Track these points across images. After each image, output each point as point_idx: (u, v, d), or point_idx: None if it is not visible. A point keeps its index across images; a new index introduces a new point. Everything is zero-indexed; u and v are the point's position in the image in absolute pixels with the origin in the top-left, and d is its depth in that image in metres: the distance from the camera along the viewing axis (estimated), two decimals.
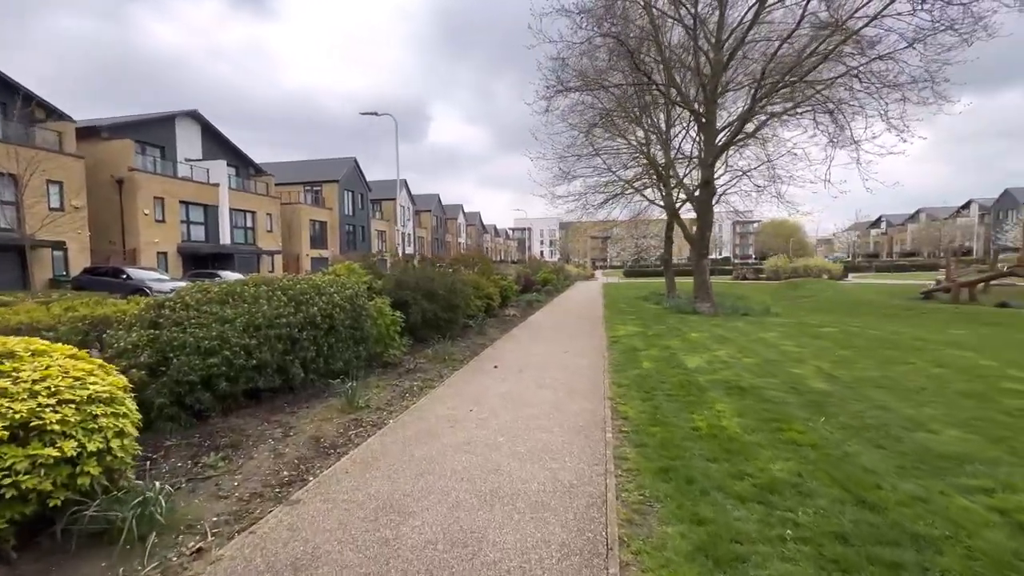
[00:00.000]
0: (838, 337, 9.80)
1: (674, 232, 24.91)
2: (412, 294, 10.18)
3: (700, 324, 12.28)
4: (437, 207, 68.62)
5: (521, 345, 10.01)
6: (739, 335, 10.20)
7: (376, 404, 5.91)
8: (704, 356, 8.00)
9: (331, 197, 41.72)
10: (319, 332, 6.47)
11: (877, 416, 4.95)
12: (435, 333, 10.57)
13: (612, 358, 8.27)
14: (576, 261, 69.46)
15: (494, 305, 15.92)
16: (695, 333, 10.58)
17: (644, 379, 6.67)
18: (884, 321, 13.40)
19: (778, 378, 6.50)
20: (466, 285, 12.69)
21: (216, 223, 28.77)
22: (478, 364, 8.19)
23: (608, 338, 10.47)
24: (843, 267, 38.02)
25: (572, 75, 15.53)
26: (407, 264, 11.13)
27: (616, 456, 4.15)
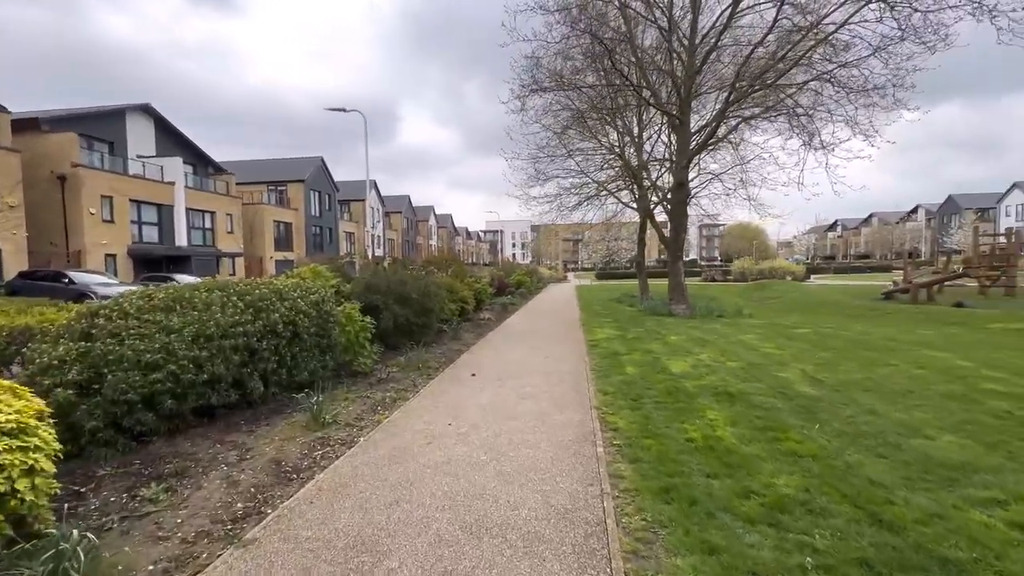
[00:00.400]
0: (814, 338, 9.85)
1: (646, 234, 25.16)
2: (383, 298, 9.66)
3: (677, 327, 12.21)
4: (408, 209, 67.49)
5: (498, 351, 9.63)
6: (718, 337, 10.13)
7: (345, 419, 5.42)
8: (688, 360, 7.83)
9: (297, 197, 40.27)
10: (281, 341, 5.93)
11: (870, 422, 4.82)
12: (408, 339, 10.08)
13: (594, 363, 8.00)
14: (548, 263, 69.63)
15: (468, 309, 15.50)
16: (674, 336, 10.46)
17: (630, 386, 6.41)
18: (853, 321, 13.70)
19: (764, 383, 6.35)
20: (440, 288, 12.23)
21: (171, 224, 27.19)
22: (454, 372, 7.77)
23: (587, 342, 10.22)
24: (805, 269, 39.37)
25: (546, 75, 15.33)
26: (377, 267, 10.58)
27: (611, 474, 3.83)
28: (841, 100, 10.96)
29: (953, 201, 76.00)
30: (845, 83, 10.72)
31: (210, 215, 30.27)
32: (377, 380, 7.22)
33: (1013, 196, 66.60)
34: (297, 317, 6.19)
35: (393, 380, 7.27)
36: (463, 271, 17.55)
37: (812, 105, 11.47)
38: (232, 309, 5.38)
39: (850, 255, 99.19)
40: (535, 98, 16.01)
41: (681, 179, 14.66)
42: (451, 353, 9.56)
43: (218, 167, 33.46)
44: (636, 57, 13.90)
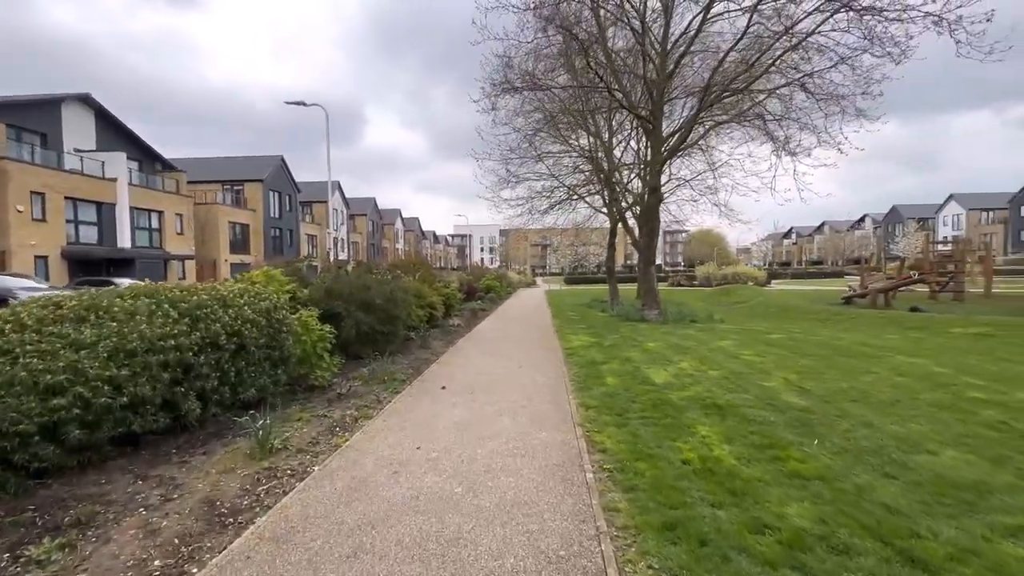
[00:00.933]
0: (789, 344, 9.79)
1: (616, 239, 25.17)
2: (345, 305, 8.94)
3: (652, 333, 11.98)
4: (373, 211, 65.84)
5: (470, 360, 9.08)
6: (696, 344, 9.92)
7: (297, 444, 4.75)
8: (669, 369, 7.50)
9: (254, 197, 38.38)
10: (223, 354, 5.20)
11: (867, 436, 4.57)
12: (373, 349, 9.39)
13: (572, 373, 7.56)
14: (517, 268, 69.40)
15: (437, 315, 14.85)
16: (651, 343, 10.18)
17: (612, 399, 5.99)
18: (820, 326, 13.90)
19: (751, 393, 6.08)
20: (407, 294, 11.57)
21: (113, 223, 25.21)
22: (423, 385, 7.17)
23: (563, 350, 9.80)
24: (767, 274, 40.62)
25: (518, 75, 14.96)
26: (339, 270, 9.84)
27: (606, 507, 3.36)
28: (810, 108, 11.09)
29: (896, 211, 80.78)
30: (814, 91, 10.83)
31: (157, 215, 28.31)
32: (337, 395, 6.54)
33: (950, 207, 71.38)
34: (243, 327, 5.47)
35: (355, 395, 6.59)
36: (432, 276, 16.89)
37: (784, 113, 11.53)
38: (162, 319, 4.63)
39: (804, 261, 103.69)
40: (506, 98, 15.62)
41: (654, 184, 14.55)
42: (419, 363, 8.93)
43: (168, 164, 31.43)
44: (608, 59, 13.71)
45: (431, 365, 8.70)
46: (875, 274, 26.30)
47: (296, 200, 43.92)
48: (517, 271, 59.17)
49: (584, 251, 64.49)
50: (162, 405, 4.56)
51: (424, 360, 9.23)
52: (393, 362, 8.89)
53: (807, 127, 11.58)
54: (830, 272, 56.24)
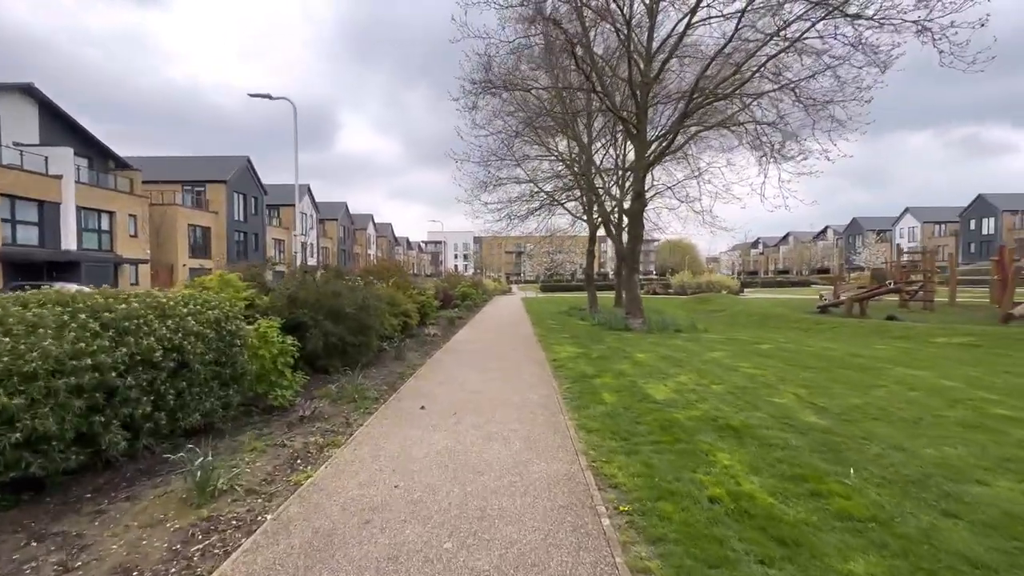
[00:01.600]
0: (783, 355, 9.44)
1: (596, 246, 24.88)
2: (311, 314, 8.08)
3: (640, 343, 11.50)
4: (344, 216, 64.05)
5: (451, 374, 8.33)
6: (687, 355, 9.46)
7: (248, 482, 3.93)
8: (668, 384, 6.96)
9: (217, 199, 36.49)
10: (159, 374, 4.34)
11: (904, 462, 4.09)
12: (342, 362, 8.54)
13: (564, 389, 6.93)
14: (492, 275, 68.71)
15: (412, 324, 14.03)
16: (641, 354, 9.67)
17: (614, 419, 5.38)
18: (806, 336, 13.75)
19: (763, 411, 5.57)
20: (380, 301, 10.75)
21: (57, 224, 23.26)
22: (399, 404, 6.39)
23: (550, 362, 9.17)
24: (740, 283, 41.24)
25: (499, 75, 14.43)
26: (306, 275, 8.96)
27: (633, 568, 2.71)
28: (797, 114, 10.93)
29: (856, 223, 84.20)
30: (802, 97, 10.63)
31: (108, 215, 26.38)
32: (300, 418, 5.69)
33: (906, 219, 74.82)
34: (185, 340, 4.61)
35: (321, 418, 5.77)
36: (406, 282, 16.05)
37: (773, 118, 11.32)
38: (77, 332, 3.75)
39: (770, 271, 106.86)
40: (487, 98, 15.04)
41: (638, 189, 14.19)
42: (394, 378, 8.13)
43: (121, 162, 29.46)
44: (592, 61, 13.32)
45: (408, 380, 7.91)
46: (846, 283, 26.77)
47: (263, 203, 42.09)
48: (492, 278, 58.49)
49: (560, 258, 64.57)
50: (75, 439, 3.68)
51: (399, 374, 8.43)
52: (365, 377, 8.06)
53: (792, 135, 11.42)
54: (797, 281, 57.82)
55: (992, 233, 60.07)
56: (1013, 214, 58.90)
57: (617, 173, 19.41)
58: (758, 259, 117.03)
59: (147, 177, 33.37)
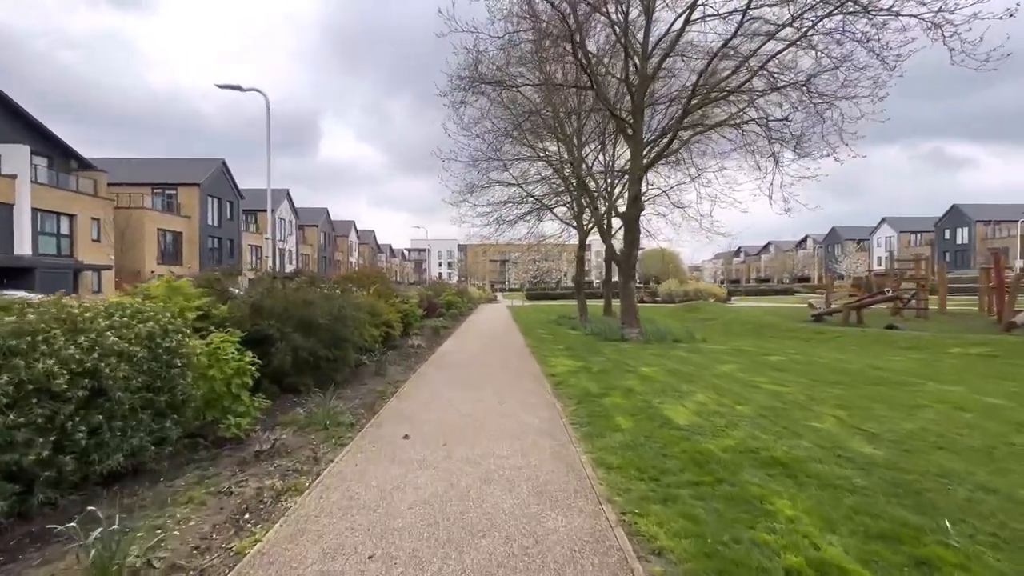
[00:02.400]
0: (798, 369, 8.75)
1: (585, 253, 24.21)
2: (279, 325, 7.08)
3: (641, 355, 10.72)
4: (325, 222, 62.50)
5: (437, 391, 7.39)
6: (696, 369, 8.69)
7: (173, 553, 2.96)
8: (686, 405, 6.15)
9: (190, 203, 34.89)
10: (63, 407, 3.35)
11: (1007, 510, 3.33)
12: (315, 379, 7.55)
13: (569, 411, 6.06)
14: (477, 283, 67.71)
15: (395, 334, 13.05)
16: (646, 367, 8.86)
17: (636, 452, 4.53)
18: (809, 346, 13.17)
19: (806, 438, 4.79)
20: (359, 310, 9.78)
21: (10, 227, 21.64)
22: (378, 432, 5.44)
23: (547, 377, 8.30)
24: (727, 291, 41.11)
25: (488, 71, 13.68)
26: (274, 282, 7.95)
27: None
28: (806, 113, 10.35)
29: (836, 232, 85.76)
30: (811, 91, 10.04)
31: (68, 219, 24.74)
32: (256, 454, 4.69)
33: (883, 229, 76.42)
34: (103, 362, 3.63)
35: (282, 452, 4.78)
36: (389, 290, 15.05)
37: (785, 114, 10.66)
38: None
39: (752, 279, 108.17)
40: (475, 97, 14.27)
41: (635, 193, 13.51)
42: (374, 397, 7.17)
43: (85, 163, 27.84)
44: (586, 58, 12.65)
45: (389, 400, 6.96)
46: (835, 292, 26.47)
47: (238, 208, 40.52)
48: (477, 286, 57.52)
49: (546, 266, 64.04)
50: None
51: (380, 393, 7.46)
52: (340, 396, 7.09)
53: (794, 138, 10.81)
54: (780, 289, 58.25)
55: (966, 243, 61.57)
56: (986, 224, 60.49)
57: (607, 179, 18.74)
58: (740, 268, 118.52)
59: (114, 179, 31.75)
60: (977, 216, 61.19)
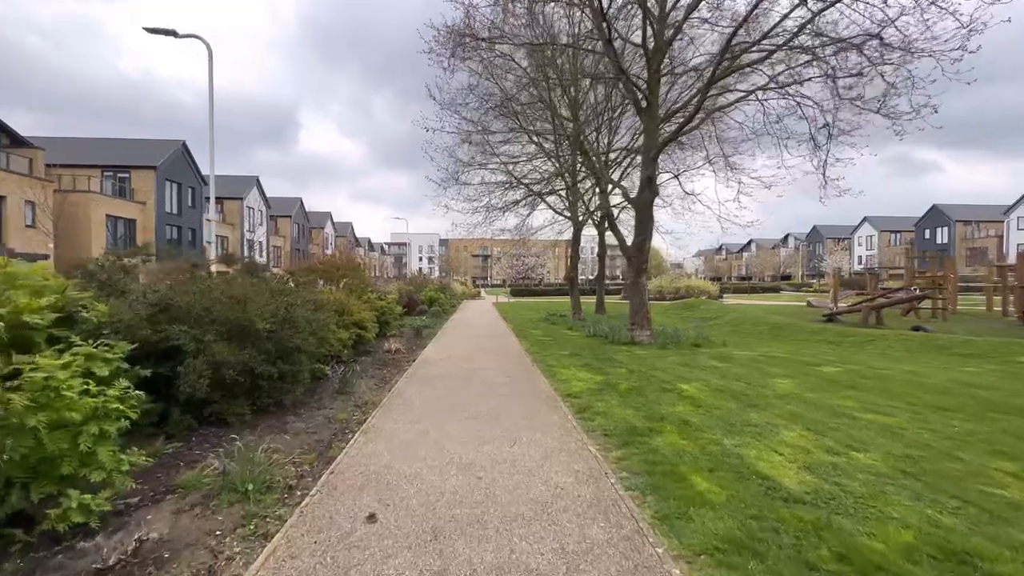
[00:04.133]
0: (874, 385, 7.06)
1: (579, 248, 22.43)
2: (195, 332, 5.02)
3: (664, 363, 8.94)
4: (299, 213, 59.31)
5: (420, 423, 5.42)
6: (748, 386, 6.91)
7: None
8: (780, 450, 4.32)
9: (145, 188, 31.81)
10: None
11: None
12: (252, 403, 5.54)
13: (617, 462, 4.17)
14: (459, 279, 65.48)
15: (368, 336, 11.01)
16: (684, 384, 7.05)
17: (760, 560, 2.67)
18: (847, 351, 11.62)
19: (1015, 525, 3.00)
20: (321, 310, 7.75)
21: None
22: (328, 507, 3.45)
23: (563, 398, 6.41)
24: (719, 288, 39.95)
25: (481, 25, 11.69)
26: (194, 271, 5.87)
27: None
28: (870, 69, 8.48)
29: (817, 231, 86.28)
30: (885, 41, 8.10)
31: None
32: (97, 572, 2.67)
33: (864, 228, 76.98)
34: None
35: (151, 561, 2.77)
36: (363, 284, 12.97)
37: (852, 77, 8.66)
38: None
39: (733, 276, 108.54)
40: (464, 58, 12.24)
41: (649, 174, 11.71)
42: (330, 433, 5.17)
43: (19, 139, 24.73)
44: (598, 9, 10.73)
45: (352, 437, 4.97)
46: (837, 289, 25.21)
47: (201, 194, 37.42)
48: (460, 282, 55.38)
49: (532, 262, 62.20)
50: None
51: (340, 425, 5.47)
52: (284, 431, 5.12)
53: (881, 97, 8.60)
54: (767, 287, 57.70)
55: (946, 242, 62.09)
56: (966, 224, 61.11)
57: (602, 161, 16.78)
58: (721, 265, 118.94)
59: (58, 159, 28.55)
60: (957, 216, 61.75)
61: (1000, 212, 56.24)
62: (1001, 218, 55.96)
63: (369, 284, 13.64)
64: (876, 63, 7.88)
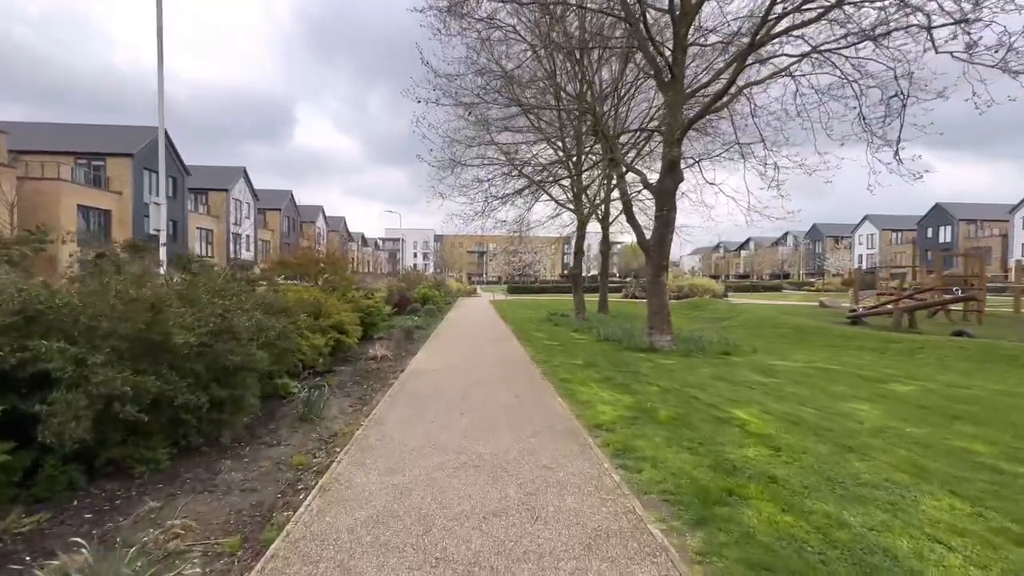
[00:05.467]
0: (970, 410, 5.67)
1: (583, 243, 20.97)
2: (75, 351, 3.49)
3: (699, 378, 7.51)
4: (289, 207, 57.44)
5: (402, 471, 3.93)
6: (823, 416, 5.48)
7: None
8: (934, 531, 2.90)
9: (121, 177, 30.01)
10: None
11: None
12: (171, 445, 4.05)
13: (701, 557, 2.71)
14: (454, 276, 63.90)
15: (349, 342, 9.51)
16: (739, 410, 5.61)
17: None
18: (897, 361, 10.26)
19: None
20: (284, 313, 6.27)
21: None
22: None
23: (590, 431, 4.94)
24: (724, 287, 38.63)
25: None
26: (99, 262, 4.35)
27: None
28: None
29: (817, 229, 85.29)
30: None
31: None
32: None
33: (864, 227, 76.04)
34: None
35: None
36: (345, 280, 11.43)
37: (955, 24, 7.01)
38: None
39: (730, 275, 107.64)
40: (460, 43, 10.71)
41: (673, 157, 10.25)
42: (275, 489, 3.68)
43: None
44: None
45: (305, 501, 3.48)
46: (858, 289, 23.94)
47: (183, 184, 35.63)
48: (456, 279, 53.83)
49: (529, 259, 60.66)
50: None
51: (294, 474, 3.98)
52: (212, 484, 3.64)
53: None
54: (769, 286, 56.52)
55: (949, 241, 61.20)
56: (969, 223, 60.21)
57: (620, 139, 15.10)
58: (719, 263, 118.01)
59: (26, 146, 26.81)
60: (960, 215, 60.84)
61: (1005, 211, 55.39)
62: (1006, 217, 55.10)
63: (353, 281, 12.10)
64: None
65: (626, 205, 12.05)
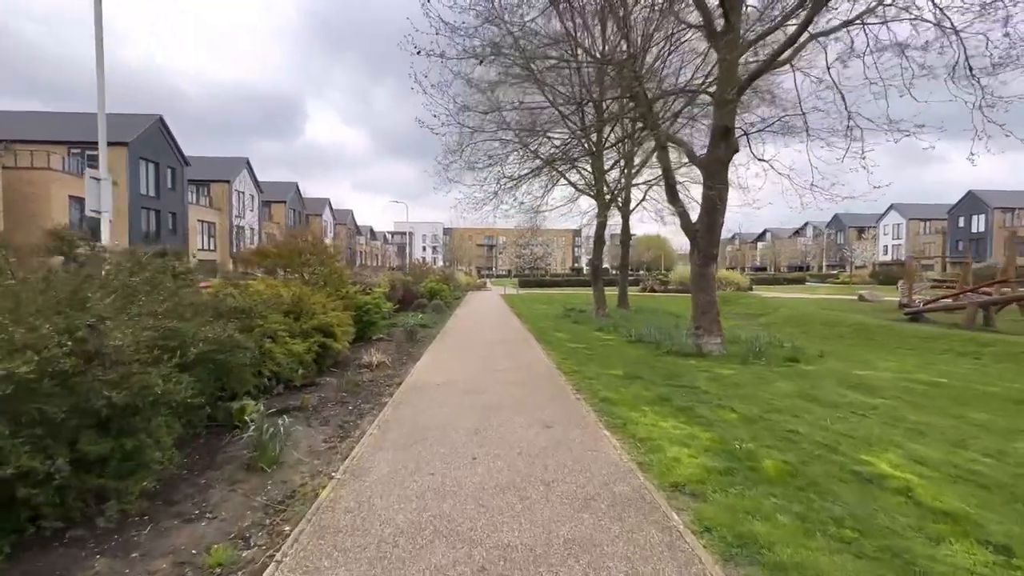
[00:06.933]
0: None
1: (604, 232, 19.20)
2: None
3: (773, 392, 5.81)
4: (295, 199, 56.12)
5: None
6: (999, 465, 3.75)
7: None
8: None
9: (117, 167, 28.69)
10: None
11: None
12: (13, 533, 2.37)
13: None
14: (464, 269, 62.34)
15: (339, 348, 7.89)
16: (883, 460, 3.89)
17: None
18: (1010, 369, 8.43)
19: None
20: (244, 315, 4.66)
21: None
22: None
23: (668, 499, 3.28)
24: (749, 280, 36.60)
25: None
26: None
27: None
28: None
29: (839, 219, 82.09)
30: None
31: None
32: None
33: (890, 216, 72.86)
34: None
35: None
36: (337, 273, 9.81)
37: None
38: None
39: (747, 267, 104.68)
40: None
41: (726, 125, 8.47)
42: None
43: None
44: None
45: None
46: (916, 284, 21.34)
47: (183, 175, 34.33)
48: (465, 272, 52.27)
49: (540, 251, 58.95)
50: None
51: None
52: None
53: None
54: (791, 278, 54.21)
55: (982, 231, 58.22)
56: (1005, 211, 57.10)
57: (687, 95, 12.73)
58: (735, 255, 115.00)
59: (13, 135, 25.63)
60: (996, 203, 57.66)
61: None
62: None
63: (347, 275, 10.50)
64: None
65: (669, 180, 10.22)
